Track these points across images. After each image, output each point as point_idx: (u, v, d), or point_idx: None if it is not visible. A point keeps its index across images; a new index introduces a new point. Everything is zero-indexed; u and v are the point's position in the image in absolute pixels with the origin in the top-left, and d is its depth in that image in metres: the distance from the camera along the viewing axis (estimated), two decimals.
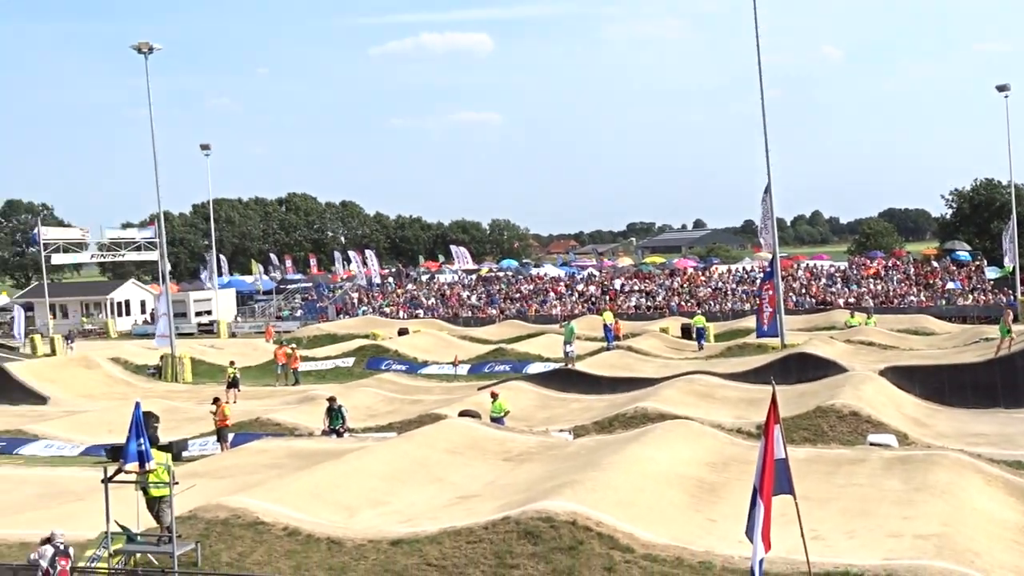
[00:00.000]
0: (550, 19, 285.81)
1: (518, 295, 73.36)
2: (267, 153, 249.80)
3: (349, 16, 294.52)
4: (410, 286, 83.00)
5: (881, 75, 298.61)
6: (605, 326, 49.62)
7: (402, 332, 55.81)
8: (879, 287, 63.73)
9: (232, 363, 43.00)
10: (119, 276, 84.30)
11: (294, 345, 50.08)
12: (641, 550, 14.36)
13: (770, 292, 41.82)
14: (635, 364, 40.92)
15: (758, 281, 57.74)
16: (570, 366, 39.62)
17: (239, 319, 77.34)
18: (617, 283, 73.42)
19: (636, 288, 71.19)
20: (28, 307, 70.59)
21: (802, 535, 12.04)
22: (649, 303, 67.72)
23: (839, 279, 66.76)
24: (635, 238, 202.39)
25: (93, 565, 15.30)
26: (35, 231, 71.07)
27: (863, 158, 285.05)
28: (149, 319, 72.89)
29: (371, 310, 74.04)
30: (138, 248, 73.55)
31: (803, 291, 64.65)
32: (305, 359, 47.48)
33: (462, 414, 26.90)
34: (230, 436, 28.14)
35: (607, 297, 69.09)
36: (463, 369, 45.18)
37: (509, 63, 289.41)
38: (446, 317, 68.05)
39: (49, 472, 26.48)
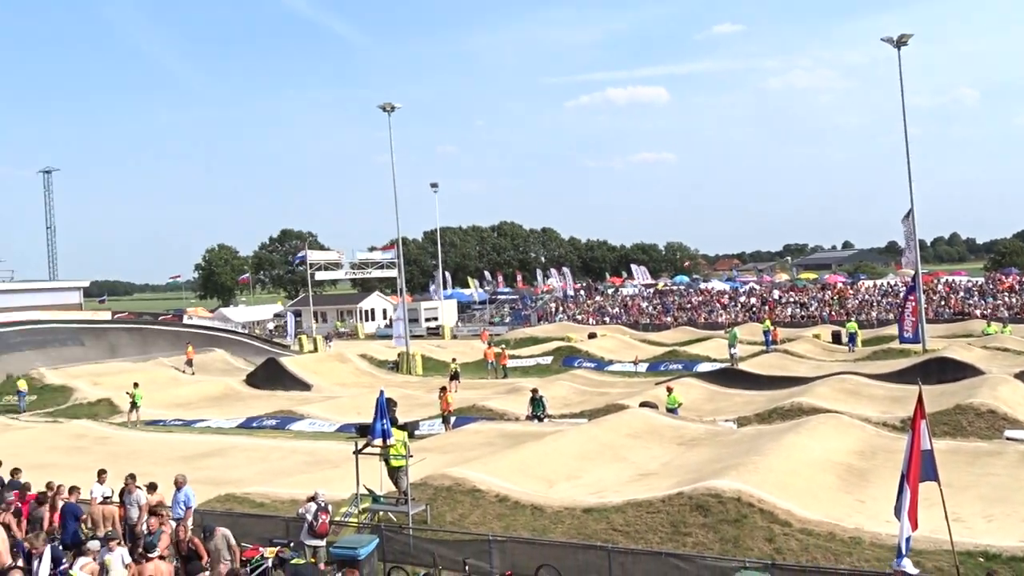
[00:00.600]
0: (718, 73, 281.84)
1: (689, 305, 72.16)
2: (482, 189, 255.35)
3: (549, 76, 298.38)
4: (598, 298, 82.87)
5: (1013, 112, 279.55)
6: (765, 332, 48.16)
7: (591, 336, 55.77)
8: (1014, 300, 59.48)
9: (454, 360, 43.90)
10: (366, 289, 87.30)
11: (503, 346, 50.73)
12: (798, 525, 13.91)
13: (912, 303, 39.74)
14: (791, 365, 39.61)
15: (901, 294, 54.82)
16: (734, 366, 38.77)
17: (459, 324, 78.78)
18: (775, 295, 71.30)
19: (792, 300, 68.87)
20: (297, 314, 74.02)
21: (946, 517, 11.45)
22: (803, 313, 65.37)
23: (976, 292, 62.68)
24: (790, 257, 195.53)
25: (346, 519, 15.90)
26: (303, 253, 74.48)
27: (998, 184, 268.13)
28: (388, 324, 75.18)
29: (566, 317, 74.24)
30: (381, 267, 76.08)
31: (942, 303, 60.99)
32: (512, 357, 48.03)
33: (642, 405, 26.67)
34: (452, 419, 28.70)
35: (766, 307, 67.11)
36: (642, 367, 44.74)
37: (682, 110, 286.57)
38: (628, 323, 67.58)
39: (312, 444, 27.63)
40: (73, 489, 15.21)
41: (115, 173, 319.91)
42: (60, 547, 13.12)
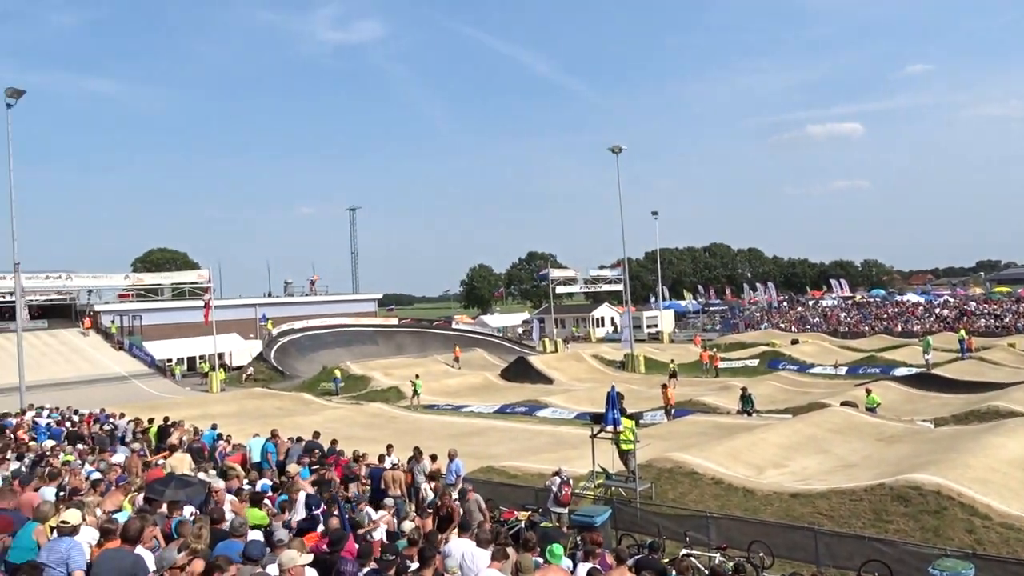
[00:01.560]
0: (910, 108, 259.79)
1: (885, 316, 66.95)
2: (694, 214, 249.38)
3: (753, 117, 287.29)
4: (799, 308, 78.66)
5: None
6: (960, 341, 43.85)
7: (794, 342, 53.08)
8: None
9: (672, 360, 43.13)
10: (597, 301, 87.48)
11: (715, 349, 49.32)
12: (997, 519, 12.56)
13: None
14: (986, 371, 35.78)
15: None
16: (929, 371, 35.53)
17: (676, 331, 77.46)
18: (971, 305, 64.72)
19: (986, 311, 62.23)
20: (541, 320, 75.51)
21: None
22: (997, 323, 58.85)
23: None
24: (984, 272, 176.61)
25: (584, 492, 16.00)
26: (545, 271, 75.85)
27: None
28: (616, 330, 75.07)
29: (770, 325, 71.09)
30: (609, 282, 76.09)
31: None
32: (723, 359, 46.57)
33: (843, 404, 25.02)
34: (672, 411, 28.22)
35: (964, 317, 61.05)
36: (842, 370, 41.96)
37: (876, 142, 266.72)
38: (827, 331, 63.66)
39: (554, 429, 27.87)
40: (358, 457, 16.25)
41: (400, 208, 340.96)
42: (357, 506, 13.99)
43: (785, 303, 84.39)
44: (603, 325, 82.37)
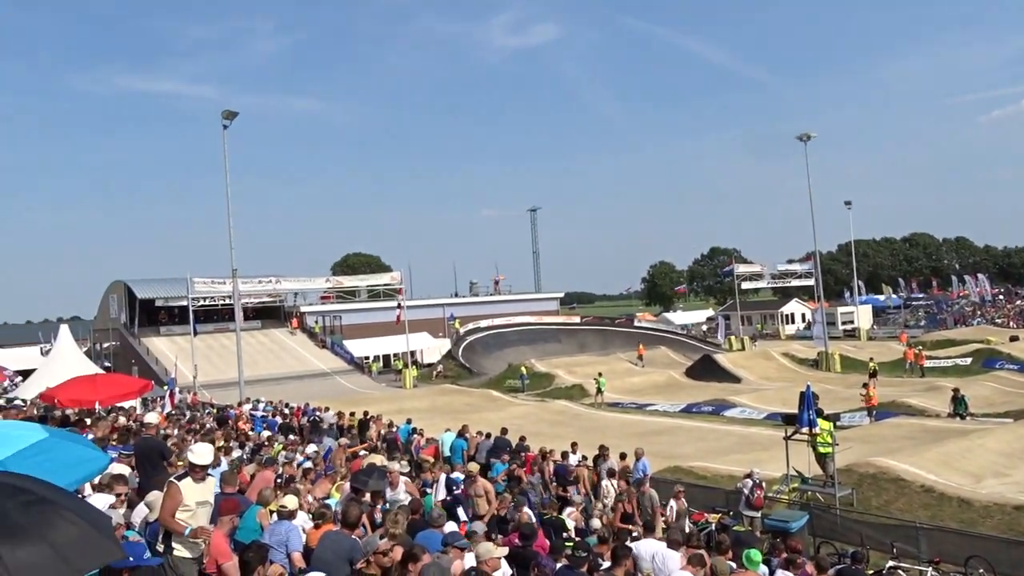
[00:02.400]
0: None
1: None
2: (891, 203, 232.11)
3: (959, 95, 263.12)
4: (1019, 302, 71.22)
5: None
6: None
7: (1013, 339, 48.07)
8: None
9: (871, 359, 40.48)
10: (785, 296, 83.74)
11: (920, 347, 45.70)
12: None
13: None
14: None
15: None
16: None
17: (875, 327, 72.62)
18: None
19: None
20: (726, 317, 73.27)
21: None
22: None
23: None
24: None
25: (778, 496, 15.34)
26: (730, 267, 73.59)
27: None
28: (807, 326, 71.46)
29: (983, 321, 64.96)
30: (798, 276, 72.68)
31: None
32: (928, 358, 43.05)
33: None
34: (874, 413, 26.48)
35: None
36: None
37: None
38: None
39: (743, 429, 27.00)
40: (545, 454, 16.42)
41: (579, 207, 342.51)
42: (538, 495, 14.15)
43: (1001, 296, 76.78)
44: (792, 322, 78.69)
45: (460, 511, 10.33)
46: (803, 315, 78.68)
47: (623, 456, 15.99)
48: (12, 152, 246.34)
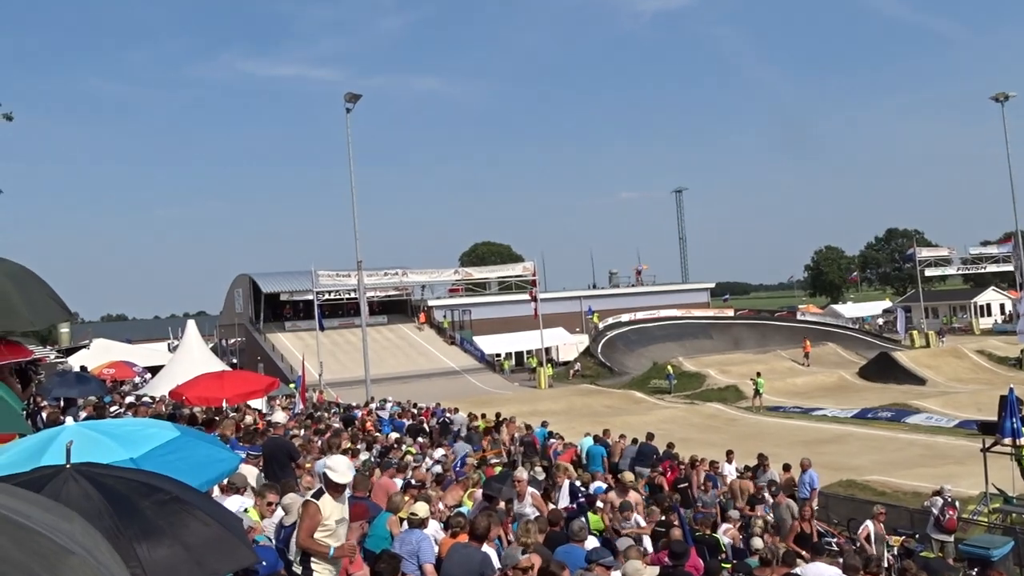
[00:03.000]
0: None
1: None
2: None
3: None
4: None
5: None
6: None
7: None
8: None
9: None
10: (979, 285, 78.70)
11: None
12: None
13: None
14: None
15: None
16: None
17: None
18: None
19: None
20: (907, 309, 69.67)
21: None
22: None
23: None
24: None
25: (975, 517, 14.47)
26: (911, 251, 70.03)
27: None
28: (1008, 319, 66.83)
29: None
30: (996, 261, 68.21)
31: None
32: None
33: None
34: None
35: None
36: None
37: None
38: None
39: (930, 439, 25.77)
40: (707, 462, 16.13)
41: (731, 187, 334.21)
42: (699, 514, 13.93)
43: None
44: (989, 314, 73.81)
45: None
46: (1002, 306, 73.67)
47: (786, 467, 15.55)
48: (137, 144, 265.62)
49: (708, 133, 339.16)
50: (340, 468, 6.35)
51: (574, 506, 11.88)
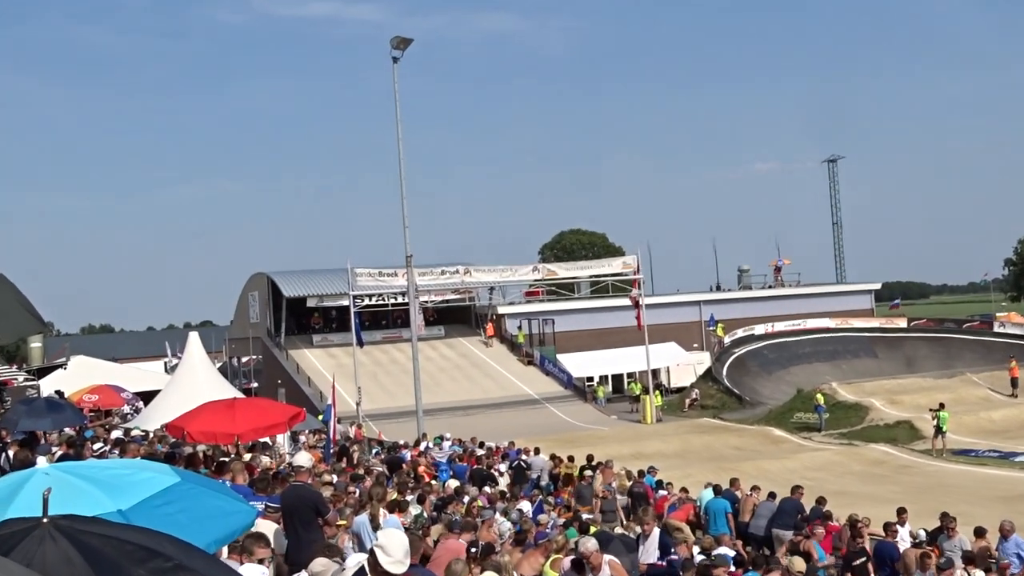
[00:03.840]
0: None
1: None
2: None
3: None
4: None
5: None
6: None
7: None
8: None
9: None
10: None
11: None
12: None
13: None
14: None
15: None
16: None
17: None
18: None
19: None
20: None
21: None
22: None
23: None
24: None
25: None
26: None
27: None
28: None
29: None
30: None
31: None
32: None
33: None
34: None
35: None
36: None
37: None
38: None
39: None
40: (888, 527, 15.86)
41: (904, 153, 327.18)
42: None
43: None
44: None
45: None
46: None
47: (980, 532, 15.18)
48: (126, 107, 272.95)
49: (874, 82, 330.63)
50: (395, 552, 5.89)
51: (663, 563, 11.83)
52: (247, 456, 16.57)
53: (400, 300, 51.55)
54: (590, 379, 55.31)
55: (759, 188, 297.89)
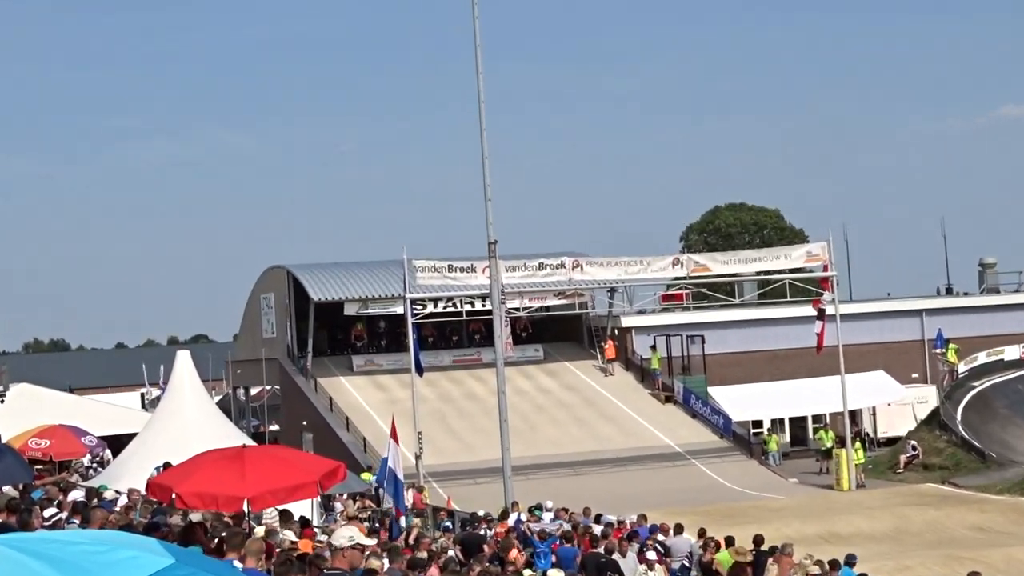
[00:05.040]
0: None
1: None
2: None
3: None
4: None
5: None
6: None
7: None
8: None
9: None
10: None
11: None
12: None
13: None
14: None
15: None
16: None
17: None
18: None
19: None
20: None
21: None
22: None
23: None
24: None
25: None
26: None
27: None
28: None
29: None
30: None
31: None
32: None
33: None
34: None
35: None
36: None
37: None
38: None
39: None
40: None
41: None
42: None
43: None
44: None
45: None
46: None
47: None
48: (88, 31, 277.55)
49: None
50: None
51: None
52: (260, 530, 16.70)
53: (479, 307, 51.62)
54: (758, 424, 54.93)
55: (1007, 141, 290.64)
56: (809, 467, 50.31)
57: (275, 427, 57.87)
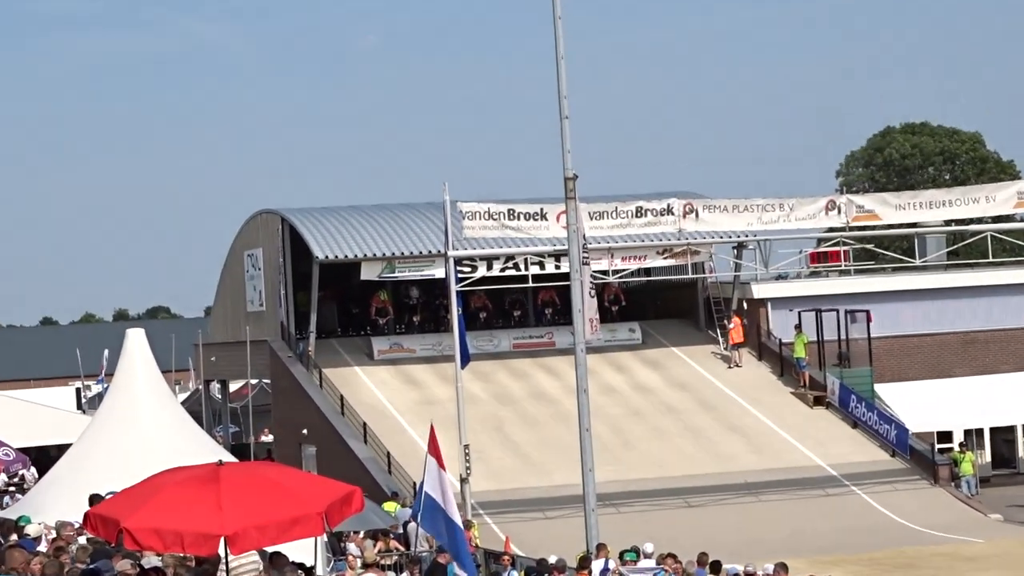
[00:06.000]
0: None
1: None
2: None
3: None
4: None
5: None
6: None
7: None
8: None
9: None
10: None
11: None
12: None
13: None
14: None
15: None
16: None
17: None
18: None
19: None
20: None
21: None
22: None
23: None
24: None
25: None
26: None
27: None
28: None
29: None
30: None
31: None
32: None
33: None
34: None
35: None
36: None
37: None
38: None
39: None
40: None
41: None
42: None
43: None
44: None
45: None
46: None
47: None
48: None
49: None
50: None
51: None
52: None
53: (550, 269, 51.57)
54: (946, 437, 54.85)
55: None
56: (1019, 497, 50.30)
57: (266, 437, 58.17)
